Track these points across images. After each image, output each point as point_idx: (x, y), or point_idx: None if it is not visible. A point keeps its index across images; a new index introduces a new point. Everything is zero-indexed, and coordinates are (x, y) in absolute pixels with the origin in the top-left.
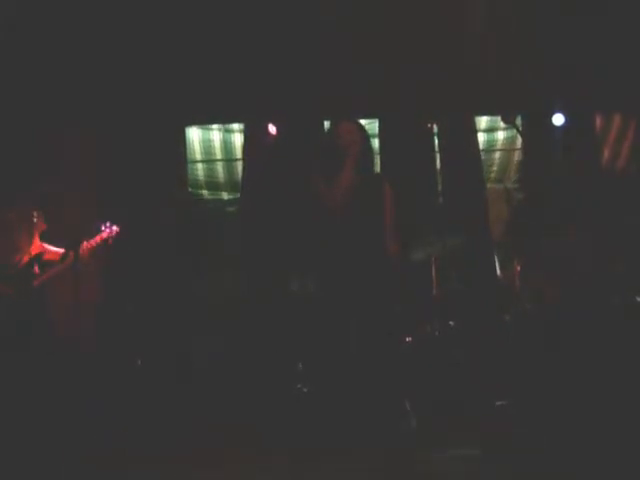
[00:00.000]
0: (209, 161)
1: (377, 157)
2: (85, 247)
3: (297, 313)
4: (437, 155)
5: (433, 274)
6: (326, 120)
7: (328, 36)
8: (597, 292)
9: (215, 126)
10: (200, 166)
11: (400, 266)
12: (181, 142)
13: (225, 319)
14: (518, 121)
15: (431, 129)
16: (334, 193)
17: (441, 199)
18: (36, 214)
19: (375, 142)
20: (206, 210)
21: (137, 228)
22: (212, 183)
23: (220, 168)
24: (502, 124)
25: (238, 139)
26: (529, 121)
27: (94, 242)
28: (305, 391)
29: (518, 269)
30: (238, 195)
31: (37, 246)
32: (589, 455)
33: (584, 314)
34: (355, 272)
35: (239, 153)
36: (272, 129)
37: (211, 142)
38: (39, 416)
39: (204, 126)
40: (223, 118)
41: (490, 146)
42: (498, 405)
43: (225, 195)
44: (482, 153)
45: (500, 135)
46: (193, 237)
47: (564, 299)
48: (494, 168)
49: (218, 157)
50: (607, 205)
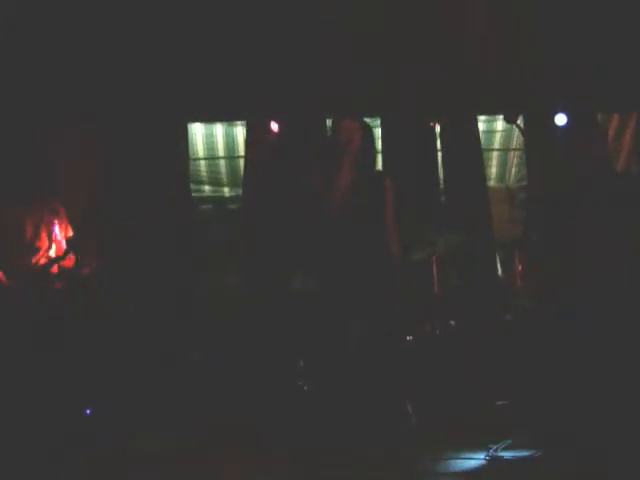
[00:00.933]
0: (212, 158)
1: (379, 156)
2: None
3: (298, 311)
4: (439, 154)
5: (434, 273)
6: (328, 118)
7: (330, 34)
8: (599, 292)
9: (218, 123)
10: (203, 163)
11: (401, 265)
12: (183, 139)
13: (225, 317)
14: (520, 121)
15: (433, 128)
16: (333, 193)
17: (443, 198)
18: (54, 215)
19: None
20: (208, 207)
21: (138, 225)
22: (214, 180)
23: (223, 165)
24: (503, 123)
25: (241, 136)
26: (531, 121)
27: None
28: (306, 389)
29: (519, 268)
30: (240, 192)
31: (59, 248)
32: (590, 455)
33: (586, 314)
34: (355, 271)
35: (242, 150)
36: (274, 127)
37: (214, 139)
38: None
39: (207, 123)
40: (225, 115)
41: (491, 146)
42: (498, 405)
43: (227, 192)
44: (483, 153)
45: (500, 135)
46: (194, 234)
47: (567, 297)
48: (494, 167)
49: (221, 154)
50: (610, 205)
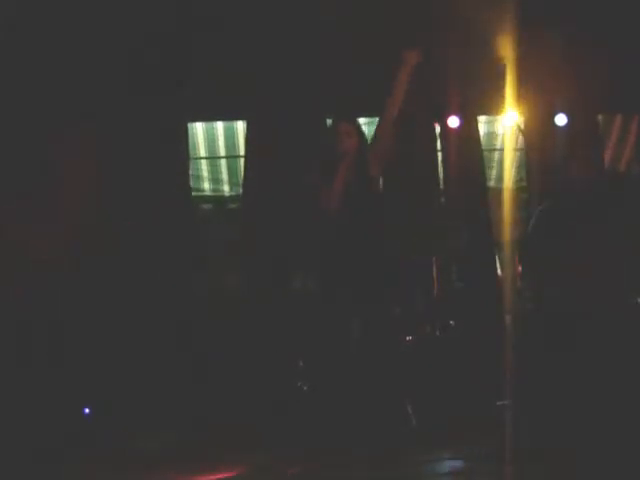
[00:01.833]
0: (212, 157)
1: None
2: None
3: (298, 311)
4: (439, 154)
5: (434, 274)
6: (328, 118)
7: (330, 33)
8: (601, 292)
9: (219, 122)
10: (203, 162)
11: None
12: (183, 138)
13: (225, 317)
14: (520, 121)
15: (434, 128)
16: (330, 195)
17: (443, 199)
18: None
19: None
20: (208, 206)
21: (138, 225)
22: (215, 179)
23: (223, 164)
24: (505, 124)
25: (241, 136)
26: (531, 121)
27: None
28: (305, 389)
29: (519, 269)
30: (240, 192)
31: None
32: (591, 454)
33: (586, 314)
34: (353, 273)
35: (242, 150)
36: (275, 126)
37: (214, 138)
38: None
39: (208, 122)
40: (226, 115)
41: (492, 146)
42: (499, 405)
43: (227, 191)
44: (484, 153)
45: (501, 135)
46: (194, 234)
47: (567, 299)
48: (496, 168)
49: (221, 153)
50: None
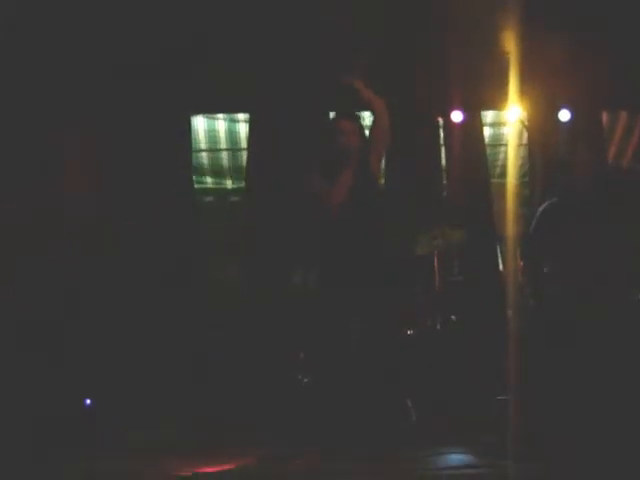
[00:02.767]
0: (214, 150)
1: None
2: None
3: (298, 307)
4: (442, 149)
5: (436, 268)
6: (331, 112)
7: (331, 28)
8: (602, 289)
9: (220, 115)
10: (205, 155)
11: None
12: (186, 131)
13: (226, 311)
14: (524, 117)
15: (437, 123)
16: (333, 194)
17: (445, 193)
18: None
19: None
20: (210, 199)
21: (140, 218)
22: (216, 172)
23: (225, 157)
24: (508, 119)
25: (243, 128)
26: (534, 117)
27: None
28: (305, 382)
29: (521, 264)
30: (242, 184)
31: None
32: (592, 452)
33: (588, 310)
34: (354, 270)
35: (244, 142)
36: (278, 120)
37: (216, 131)
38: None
39: (209, 115)
40: (228, 107)
41: (496, 141)
42: (499, 400)
43: (229, 184)
44: (487, 148)
45: (506, 130)
46: (196, 227)
47: (568, 295)
48: (499, 163)
49: (223, 146)
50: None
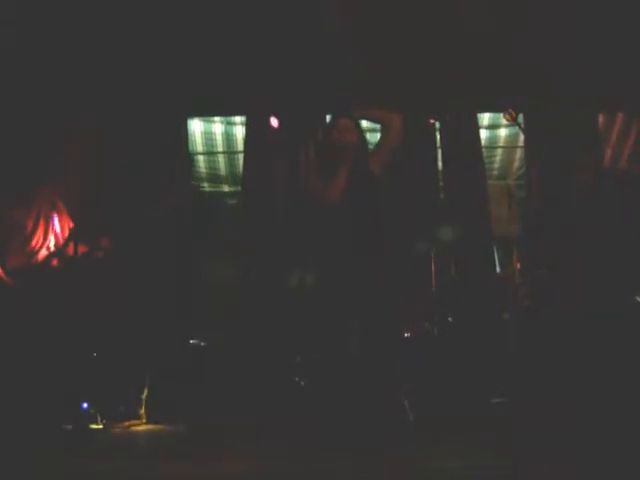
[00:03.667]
0: (210, 153)
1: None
2: None
3: (295, 307)
4: (438, 151)
5: (432, 270)
6: (328, 114)
7: (330, 31)
8: (600, 290)
9: (217, 118)
10: (201, 158)
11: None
12: (183, 134)
13: (223, 312)
14: (520, 118)
15: (433, 125)
16: (330, 193)
17: (442, 195)
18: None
19: (376, 137)
20: (207, 203)
21: (137, 221)
22: (213, 176)
23: (221, 161)
24: (504, 121)
25: (240, 131)
26: (531, 118)
27: None
28: (302, 384)
29: (518, 266)
30: (239, 188)
31: (59, 241)
32: (589, 452)
33: (585, 312)
34: (351, 269)
35: (241, 146)
36: (274, 122)
37: (213, 134)
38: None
39: (206, 118)
40: (225, 110)
41: (492, 143)
42: (495, 402)
43: (226, 188)
44: (484, 150)
45: (502, 132)
46: (193, 230)
47: (565, 297)
48: (496, 165)
49: (220, 149)
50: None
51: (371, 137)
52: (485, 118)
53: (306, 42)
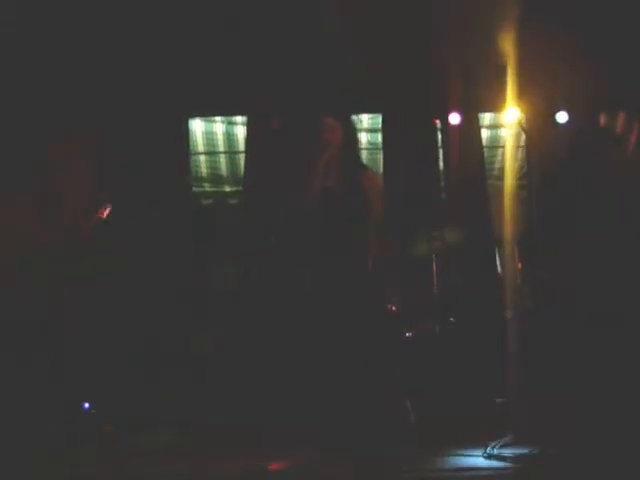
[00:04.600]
0: (212, 153)
1: (380, 152)
2: None
3: (295, 307)
4: (440, 151)
5: (434, 270)
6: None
7: (331, 30)
8: (601, 289)
9: (218, 118)
10: (202, 158)
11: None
12: (184, 134)
13: (224, 313)
14: (522, 118)
15: (434, 125)
16: (308, 188)
17: (443, 195)
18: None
19: (378, 137)
20: (208, 203)
21: (138, 220)
22: (214, 175)
23: (223, 160)
24: (505, 121)
25: (241, 131)
26: (533, 119)
27: None
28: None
29: (519, 266)
30: (240, 188)
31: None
32: (591, 453)
33: (586, 311)
34: (338, 271)
35: (242, 145)
36: (275, 122)
37: (214, 134)
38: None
39: (207, 118)
40: (226, 110)
41: (493, 143)
42: (498, 402)
43: (227, 188)
44: (485, 150)
45: (503, 132)
46: (194, 230)
47: (567, 296)
48: (497, 165)
49: (221, 149)
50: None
51: (372, 137)
52: (486, 118)
53: (306, 42)
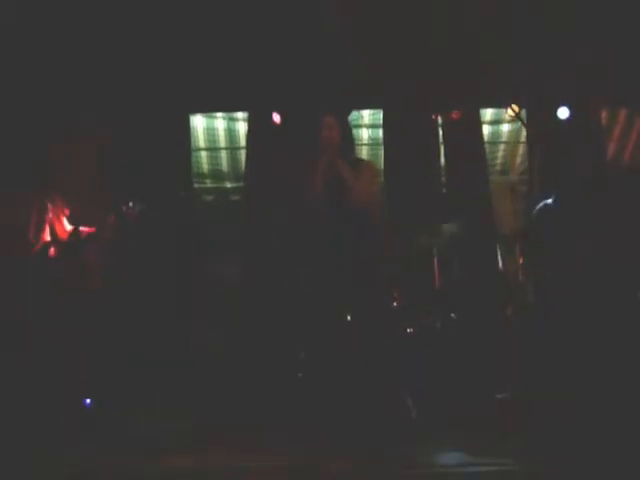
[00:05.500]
0: (213, 149)
1: (381, 148)
2: None
3: (298, 304)
4: (441, 146)
5: (435, 266)
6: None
7: (331, 27)
8: (602, 285)
9: (219, 114)
10: (204, 154)
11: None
12: (185, 130)
13: (225, 310)
14: (523, 114)
15: (435, 120)
16: (308, 186)
17: (445, 190)
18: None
19: (379, 133)
20: (209, 199)
21: (140, 217)
22: (216, 172)
23: (224, 156)
24: (507, 116)
25: (242, 127)
26: (534, 114)
27: None
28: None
29: (521, 262)
30: (241, 184)
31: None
32: (590, 451)
33: (587, 307)
34: (339, 269)
35: (243, 141)
36: (276, 118)
37: (215, 130)
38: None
39: (208, 114)
40: (227, 106)
41: (495, 138)
42: (499, 398)
43: (229, 184)
44: (487, 145)
45: (505, 127)
46: (195, 226)
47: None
48: (498, 160)
49: (222, 145)
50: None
51: (372, 133)
52: (488, 113)
53: (306, 41)
